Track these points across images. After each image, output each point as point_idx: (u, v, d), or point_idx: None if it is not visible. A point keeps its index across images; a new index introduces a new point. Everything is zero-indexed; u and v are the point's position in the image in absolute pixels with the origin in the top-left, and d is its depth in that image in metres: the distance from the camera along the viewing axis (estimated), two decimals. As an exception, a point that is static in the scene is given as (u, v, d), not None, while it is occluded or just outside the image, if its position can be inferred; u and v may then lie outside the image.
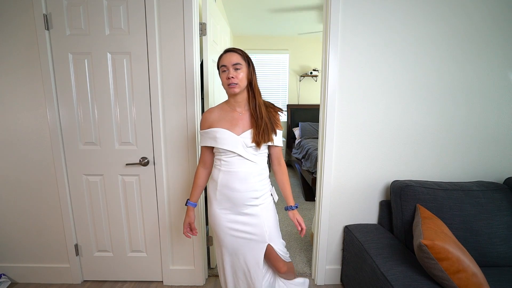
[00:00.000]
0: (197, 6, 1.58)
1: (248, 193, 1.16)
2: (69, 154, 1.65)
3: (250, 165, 1.16)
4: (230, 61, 1.10)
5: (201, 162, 1.28)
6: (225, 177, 1.16)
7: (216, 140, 1.14)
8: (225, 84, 1.13)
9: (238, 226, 1.19)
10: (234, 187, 1.15)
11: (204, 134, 1.20)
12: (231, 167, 1.15)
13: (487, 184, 1.51)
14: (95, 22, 1.50)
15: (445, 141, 1.65)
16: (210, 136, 1.17)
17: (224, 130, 1.14)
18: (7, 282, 1.76)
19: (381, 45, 1.55)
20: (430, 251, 1.05)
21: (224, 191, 1.17)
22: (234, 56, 1.11)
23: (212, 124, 1.18)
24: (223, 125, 1.16)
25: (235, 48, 1.15)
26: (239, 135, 1.14)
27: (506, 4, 1.52)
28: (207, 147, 1.22)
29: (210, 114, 1.20)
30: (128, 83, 1.57)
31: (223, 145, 1.13)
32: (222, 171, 1.17)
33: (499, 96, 1.60)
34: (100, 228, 1.74)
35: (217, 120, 1.18)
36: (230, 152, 1.14)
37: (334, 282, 1.81)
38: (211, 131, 1.16)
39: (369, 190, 1.70)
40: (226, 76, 1.11)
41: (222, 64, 1.12)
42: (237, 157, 1.15)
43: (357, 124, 1.63)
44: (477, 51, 1.56)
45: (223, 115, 1.18)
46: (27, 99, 1.59)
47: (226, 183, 1.16)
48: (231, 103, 1.20)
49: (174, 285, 1.80)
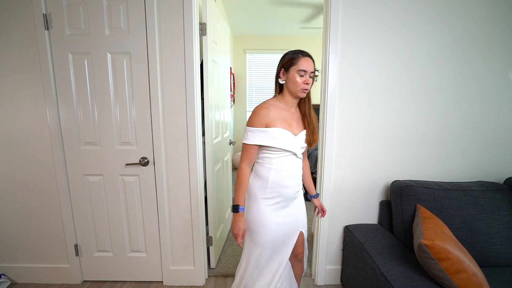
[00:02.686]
0: (197, 6, 1.58)
1: (295, 187, 1.23)
2: (69, 154, 1.65)
3: (298, 162, 1.24)
4: (310, 69, 1.14)
5: (246, 161, 1.19)
6: (277, 174, 1.18)
7: (276, 140, 1.14)
8: (298, 87, 1.14)
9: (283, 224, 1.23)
10: (285, 184, 1.19)
11: (261, 132, 1.14)
12: (283, 166, 1.18)
13: (487, 184, 1.51)
14: (95, 22, 1.50)
15: (445, 141, 1.65)
16: (269, 135, 1.14)
17: (284, 131, 1.15)
18: (7, 282, 1.76)
19: (381, 45, 1.55)
20: (430, 251, 1.05)
21: (275, 189, 1.19)
22: (311, 63, 1.15)
23: (270, 123, 1.15)
24: (280, 124, 1.16)
25: (310, 55, 1.18)
26: (295, 135, 1.19)
27: (506, 4, 1.52)
28: (256, 145, 1.17)
29: (267, 111, 1.15)
30: (128, 83, 1.57)
31: (284, 145, 1.15)
32: (274, 169, 1.18)
33: (499, 96, 1.60)
34: (100, 228, 1.74)
35: (275, 119, 1.15)
36: (285, 151, 1.16)
37: (334, 282, 1.81)
38: (271, 130, 1.14)
39: (369, 190, 1.70)
40: (304, 81, 1.13)
41: (303, 68, 1.12)
42: (291, 156, 1.19)
43: (357, 124, 1.63)
44: (477, 51, 1.56)
45: (279, 113, 1.18)
46: (27, 99, 1.59)
47: (278, 181, 1.18)
48: (287, 102, 1.20)
49: (174, 285, 1.80)
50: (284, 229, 1.24)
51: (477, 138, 1.64)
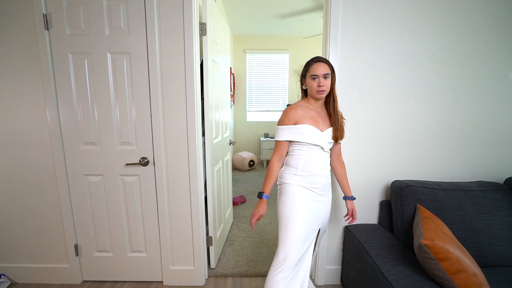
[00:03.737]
0: (197, 6, 1.58)
1: (325, 178, 1.33)
2: (69, 154, 1.65)
3: (325, 155, 1.34)
4: (321, 72, 1.24)
5: (277, 156, 1.35)
6: (306, 163, 1.30)
7: (303, 135, 1.28)
8: (313, 90, 1.27)
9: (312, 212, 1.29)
10: (316, 172, 1.30)
11: (290, 129, 1.30)
12: (311, 156, 1.30)
13: (487, 184, 1.51)
14: (95, 22, 1.50)
15: (445, 141, 1.65)
16: (297, 131, 1.28)
17: (311, 127, 1.28)
18: (6, 282, 1.76)
19: (381, 46, 1.55)
20: (430, 251, 1.05)
21: (306, 177, 1.30)
22: (323, 67, 1.25)
23: (299, 120, 1.29)
24: (307, 121, 1.29)
25: (323, 59, 1.28)
26: (322, 131, 1.31)
27: (506, 4, 1.52)
28: (286, 141, 1.33)
29: (296, 110, 1.31)
30: (128, 83, 1.57)
31: (310, 139, 1.28)
32: (303, 158, 1.30)
33: (499, 96, 1.60)
34: (100, 228, 1.74)
35: (303, 117, 1.30)
36: (313, 145, 1.29)
37: (334, 282, 1.81)
38: (299, 127, 1.28)
39: (369, 190, 1.70)
40: (317, 84, 1.25)
41: (314, 73, 1.25)
42: (318, 149, 1.30)
43: (357, 124, 1.63)
44: (477, 51, 1.56)
45: (306, 112, 1.31)
46: (27, 99, 1.59)
47: (308, 169, 1.29)
48: (312, 103, 1.34)
49: (174, 285, 1.80)
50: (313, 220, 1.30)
51: (477, 138, 1.64)
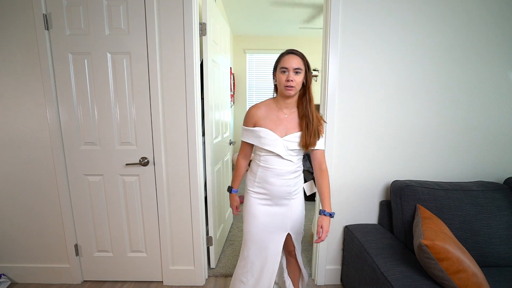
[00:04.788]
0: (197, 6, 1.58)
1: (284, 187, 1.24)
2: (69, 154, 1.65)
3: (287, 164, 1.22)
4: (292, 65, 1.11)
5: (241, 154, 1.34)
6: (263, 172, 1.23)
7: (260, 140, 1.19)
8: (282, 85, 1.14)
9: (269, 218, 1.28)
10: (271, 181, 1.23)
11: (248, 131, 1.24)
12: (269, 164, 1.22)
13: (487, 184, 1.51)
14: (95, 22, 1.50)
15: (445, 141, 1.65)
16: (254, 135, 1.22)
17: (268, 131, 1.18)
18: (7, 282, 1.76)
19: (381, 46, 1.55)
20: (430, 251, 1.05)
21: (262, 185, 1.25)
22: (295, 60, 1.12)
23: (258, 121, 1.21)
24: (267, 124, 1.19)
25: (297, 51, 1.15)
26: (282, 136, 1.18)
27: (506, 4, 1.52)
28: (247, 142, 1.27)
29: (257, 110, 1.22)
30: (128, 83, 1.57)
31: (265, 145, 1.18)
32: (261, 166, 1.24)
33: (499, 96, 1.60)
34: (100, 228, 1.74)
35: (263, 117, 1.20)
36: (271, 151, 1.20)
37: (334, 282, 1.81)
38: (256, 130, 1.20)
39: (369, 190, 1.70)
40: (286, 78, 1.12)
41: (284, 66, 1.12)
42: (276, 156, 1.20)
43: (357, 124, 1.63)
44: (477, 51, 1.56)
45: (269, 113, 1.21)
46: (27, 99, 1.59)
47: (264, 177, 1.24)
48: (279, 103, 1.22)
49: (174, 285, 1.80)
50: (270, 225, 1.28)
51: (477, 138, 1.64)
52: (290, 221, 1.30)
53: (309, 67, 1.17)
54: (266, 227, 1.28)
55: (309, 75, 1.17)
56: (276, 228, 1.29)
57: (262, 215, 1.27)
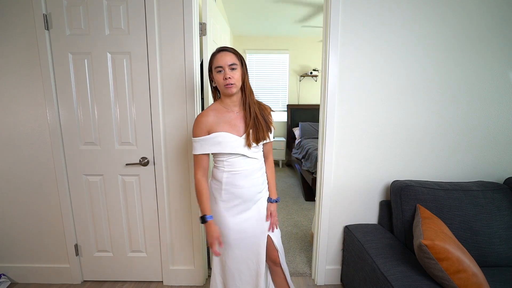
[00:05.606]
0: (197, 6, 1.58)
1: (253, 187, 1.19)
2: (69, 154, 1.65)
3: (253, 162, 1.18)
4: (226, 62, 1.07)
5: (200, 171, 1.17)
6: (230, 176, 1.16)
7: (221, 146, 1.12)
8: (221, 85, 1.10)
9: (243, 225, 1.20)
10: (239, 184, 1.16)
11: (203, 141, 1.13)
12: (236, 167, 1.16)
13: (487, 184, 1.51)
14: (95, 22, 1.50)
15: (445, 141, 1.65)
16: (213, 142, 1.12)
17: (226, 134, 1.12)
18: (7, 282, 1.76)
19: (381, 45, 1.55)
20: (430, 251, 1.05)
21: (230, 190, 1.17)
22: (228, 56, 1.08)
23: (212, 128, 1.13)
24: (223, 127, 1.13)
25: (228, 47, 1.12)
26: (241, 136, 1.14)
27: (506, 3, 1.52)
28: (204, 154, 1.16)
29: (207, 117, 1.14)
30: (128, 83, 1.57)
31: (228, 149, 1.12)
32: (226, 171, 1.16)
33: (499, 96, 1.60)
34: (100, 228, 1.74)
35: (216, 122, 1.13)
36: (234, 154, 1.14)
37: (334, 282, 1.81)
38: (213, 136, 1.12)
39: (369, 190, 1.70)
40: (223, 76, 1.08)
41: (218, 65, 1.08)
42: (241, 157, 1.15)
43: (357, 124, 1.63)
44: (477, 51, 1.56)
45: (219, 117, 1.15)
46: (27, 99, 1.59)
47: (231, 181, 1.17)
48: (226, 103, 1.17)
49: (174, 285, 1.80)
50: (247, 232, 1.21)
51: (477, 138, 1.64)
52: (263, 221, 1.25)
53: (243, 62, 1.13)
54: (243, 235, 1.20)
55: (245, 70, 1.14)
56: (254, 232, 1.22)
57: (236, 224, 1.19)
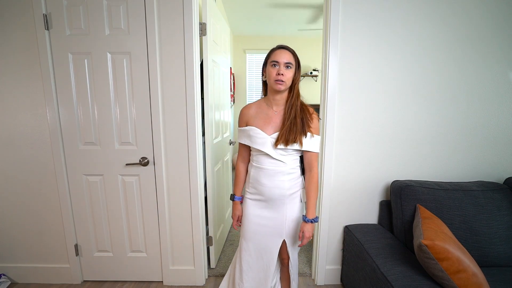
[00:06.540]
0: (197, 6, 1.58)
1: (276, 189, 1.19)
2: (69, 154, 1.65)
3: (278, 164, 1.18)
4: (283, 59, 1.10)
5: (240, 157, 1.32)
6: (256, 172, 1.22)
7: (250, 139, 1.19)
8: (272, 79, 1.11)
9: (262, 220, 1.24)
10: (262, 182, 1.20)
11: (241, 132, 1.24)
12: (260, 164, 1.20)
13: (487, 184, 1.51)
14: (95, 22, 1.50)
15: (445, 141, 1.65)
16: (245, 134, 1.21)
17: (256, 129, 1.17)
18: (7, 282, 1.76)
19: (381, 46, 1.55)
20: (430, 251, 1.05)
21: (254, 185, 1.24)
22: (287, 55, 1.11)
23: (249, 120, 1.22)
24: (257, 122, 1.19)
25: (288, 47, 1.14)
26: (270, 134, 1.16)
27: (506, 4, 1.52)
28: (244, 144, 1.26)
29: (248, 109, 1.24)
30: (128, 83, 1.57)
31: (255, 144, 1.18)
32: (254, 166, 1.24)
33: (499, 96, 1.60)
34: (100, 228, 1.74)
35: (254, 116, 1.21)
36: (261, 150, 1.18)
37: (334, 282, 1.81)
38: (246, 129, 1.21)
39: (369, 190, 1.70)
40: (276, 71, 1.10)
41: (274, 59, 1.11)
42: (266, 156, 1.18)
43: (357, 124, 1.63)
44: (477, 51, 1.56)
45: (259, 111, 1.21)
46: (27, 99, 1.59)
47: (256, 177, 1.22)
48: (269, 100, 1.21)
49: (174, 285, 1.80)
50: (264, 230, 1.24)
51: (477, 138, 1.64)
52: (285, 226, 1.23)
53: (299, 64, 1.15)
54: (259, 230, 1.25)
55: (298, 73, 1.15)
56: (270, 232, 1.24)
57: (255, 217, 1.25)
